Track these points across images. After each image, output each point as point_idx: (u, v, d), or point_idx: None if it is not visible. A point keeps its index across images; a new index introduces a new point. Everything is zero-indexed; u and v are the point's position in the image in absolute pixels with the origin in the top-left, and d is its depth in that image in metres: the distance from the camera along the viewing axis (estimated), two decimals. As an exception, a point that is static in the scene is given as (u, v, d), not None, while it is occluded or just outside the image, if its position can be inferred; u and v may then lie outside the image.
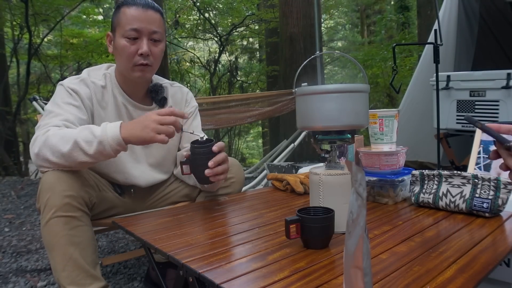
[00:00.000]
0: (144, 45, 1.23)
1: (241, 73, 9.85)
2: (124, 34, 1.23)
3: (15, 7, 6.16)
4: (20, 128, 7.71)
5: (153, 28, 1.24)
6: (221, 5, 8.60)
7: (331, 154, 1.03)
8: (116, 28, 1.26)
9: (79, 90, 1.24)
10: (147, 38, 1.24)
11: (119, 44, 1.24)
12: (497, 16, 3.36)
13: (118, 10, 1.25)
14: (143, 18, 1.22)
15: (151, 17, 1.24)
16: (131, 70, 1.27)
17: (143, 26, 1.22)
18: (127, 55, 1.24)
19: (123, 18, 1.23)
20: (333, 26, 12.75)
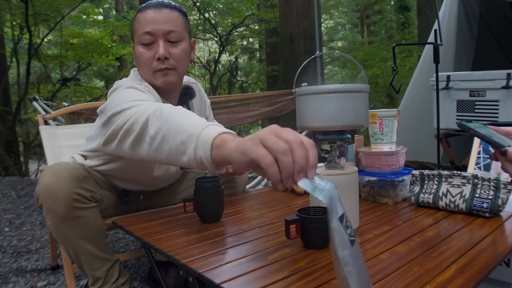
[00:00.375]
0: (160, 48, 1.12)
1: (241, 73, 9.85)
2: (139, 41, 1.14)
3: (15, 7, 6.16)
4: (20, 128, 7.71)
5: (168, 28, 1.13)
6: (221, 5, 8.60)
7: (331, 154, 1.03)
8: (133, 36, 1.18)
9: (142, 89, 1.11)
10: (163, 40, 1.13)
11: (136, 52, 1.16)
12: (497, 16, 3.36)
13: (134, 18, 1.18)
14: (156, 19, 1.12)
15: (165, 16, 1.13)
16: (153, 78, 1.16)
17: (156, 28, 1.12)
18: (145, 62, 1.14)
19: (137, 25, 1.15)
20: (333, 26, 12.75)
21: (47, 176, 1.07)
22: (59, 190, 1.05)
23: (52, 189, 1.05)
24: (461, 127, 0.77)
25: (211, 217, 1.12)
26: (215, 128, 0.76)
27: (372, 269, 0.76)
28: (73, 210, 1.07)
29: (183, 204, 1.14)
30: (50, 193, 1.05)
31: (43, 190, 1.06)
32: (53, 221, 1.08)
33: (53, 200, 1.05)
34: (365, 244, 0.90)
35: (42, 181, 1.07)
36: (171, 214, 1.23)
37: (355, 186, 1.01)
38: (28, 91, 6.23)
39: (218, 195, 1.12)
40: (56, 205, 1.05)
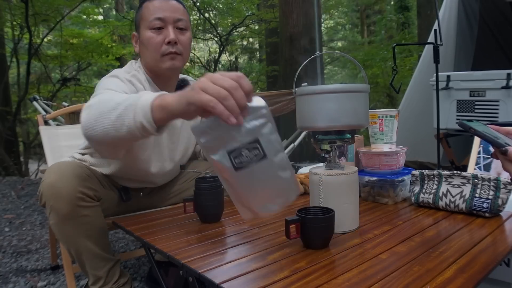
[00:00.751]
0: (170, 33, 1.19)
1: (241, 73, 9.84)
2: (149, 26, 1.19)
3: (15, 7, 6.16)
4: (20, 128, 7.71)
5: (178, 16, 1.21)
6: (221, 5, 8.60)
7: (331, 154, 1.03)
8: (140, 23, 1.23)
9: (134, 81, 1.20)
10: (172, 26, 1.20)
11: (144, 37, 1.21)
12: (497, 16, 3.36)
13: (141, 7, 1.24)
14: (166, 7, 1.20)
15: (174, 6, 1.22)
16: (160, 61, 1.21)
17: (167, 15, 1.19)
18: (154, 45, 1.19)
19: (146, 12, 1.21)
20: (333, 26, 12.75)
21: (51, 174, 1.08)
22: (62, 189, 1.05)
23: (56, 188, 1.05)
24: (461, 126, 0.77)
25: (211, 217, 1.12)
26: (149, 93, 0.82)
27: (372, 269, 0.76)
28: (77, 208, 1.07)
29: (183, 204, 1.14)
30: (54, 192, 1.05)
31: (46, 188, 1.06)
32: (56, 219, 1.08)
33: (57, 199, 1.05)
34: (365, 244, 0.90)
35: (46, 179, 1.07)
36: (171, 214, 1.23)
37: (355, 186, 1.01)
38: (28, 91, 6.23)
39: (218, 195, 1.12)
40: (60, 204, 1.05)
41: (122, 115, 0.82)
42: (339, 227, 0.96)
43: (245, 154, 0.71)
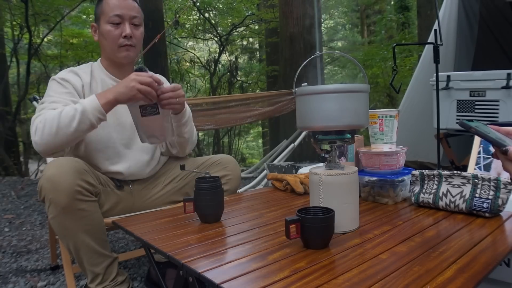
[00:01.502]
0: (127, 28, 1.37)
1: (241, 73, 9.85)
2: (108, 21, 1.36)
3: (15, 7, 6.16)
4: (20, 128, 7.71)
5: (133, 14, 1.39)
6: (221, 5, 8.60)
7: (331, 154, 1.03)
8: (100, 17, 1.39)
9: (69, 79, 1.35)
10: (128, 23, 1.38)
11: (104, 30, 1.37)
12: (497, 16, 3.36)
13: (101, 2, 1.39)
14: (124, 5, 1.37)
15: (131, 4, 1.39)
16: (117, 52, 1.39)
17: (124, 12, 1.37)
18: (113, 38, 1.37)
19: (106, 7, 1.37)
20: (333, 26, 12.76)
21: (50, 168, 1.12)
22: (61, 182, 1.09)
23: (55, 181, 1.09)
24: (462, 126, 0.77)
25: (211, 217, 1.12)
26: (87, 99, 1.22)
27: (372, 269, 0.76)
28: (75, 201, 1.11)
29: (183, 204, 1.14)
30: (53, 184, 1.09)
31: (46, 181, 1.11)
32: (55, 213, 1.11)
33: (56, 191, 1.09)
34: (365, 244, 0.90)
35: (45, 174, 1.12)
36: (171, 214, 1.23)
37: (355, 186, 1.01)
38: (28, 91, 6.23)
39: (218, 195, 1.12)
40: (59, 196, 1.09)
41: (81, 121, 1.17)
42: (339, 227, 0.96)
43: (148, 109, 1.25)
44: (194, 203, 1.12)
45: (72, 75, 1.37)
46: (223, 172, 1.43)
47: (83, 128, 1.19)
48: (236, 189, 1.49)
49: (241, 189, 3.04)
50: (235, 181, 1.47)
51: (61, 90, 1.32)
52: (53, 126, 1.16)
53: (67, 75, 1.37)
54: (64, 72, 1.39)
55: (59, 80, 1.34)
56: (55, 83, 1.35)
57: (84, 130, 1.20)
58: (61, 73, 1.39)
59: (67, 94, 1.31)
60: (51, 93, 1.32)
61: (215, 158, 1.50)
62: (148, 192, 1.46)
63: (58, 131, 1.16)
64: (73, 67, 1.44)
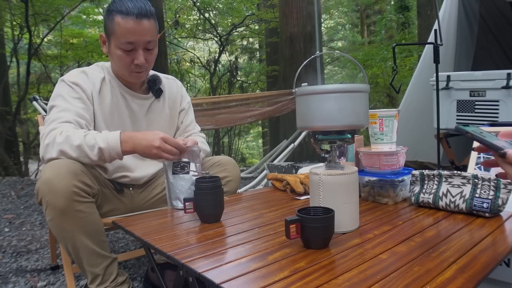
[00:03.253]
0: (140, 56, 1.27)
1: (241, 73, 9.85)
2: (120, 46, 1.26)
3: (15, 7, 6.16)
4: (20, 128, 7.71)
5: (147, 39, 1.27)
6: (221, 5, 8.60)
7: (331, 154, 1.03)
8: (110, 35, 1.28)
9: (79, 82, 1.30)
10: (142, 49, 1.28)
11: (114, 53, 1.28)
12: (497, 16, 3.36)
13: (111, 18, 1.25)
14: (138, 30, 1.24)
15: (145, 27, 1.25)
16: (127, 75, 1.34)
17: (138, 39, 1.25)
18: (124, 64, 1.29)
19: (118, 30, 1.24)
20: (333, 26, 12.76)
21: (46, 171, 1.11)
22: (58, 184, 1.08)
23: (51, 183, 1.08)
24: (458, 131, 0.77)
25: (211, 217, 1.12)
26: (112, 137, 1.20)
27: (372, 269, 0.76)
28: (72, 203, 1.10)
29: (183, 204, 1.14)
30: (50, 187, 1.08)
31: (43, 184, 1.10)
32: (53, 215, 1.11)
33: (53, 194, 1.08)
34: (365, 244, 0.90)
35: (42, 176, 1.11)
36: (171, 214, 1.23)
37: (355, 186, 1.01)
38: (28, 91, 6.23)
39: (218, 195, 1.12)
40: (56, 199, 1.08)
41: (101, 157, 1.18)
42: (339, 227, 0.96)
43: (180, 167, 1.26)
44: (194, 203, 1.12)
45: (83, 78, 1.31)
46: (222, 173, 1.42)
47: (98, 161, 1.20)
48: (235, 190, 1.49)
49: (241, 189, 3.04)
50: (234, 183, 1.47)
51: (72, 94, 1.27)
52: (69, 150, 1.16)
53: (78, 77, 1.30)
54: (75, 73, 1.32)
55: (69, 83, 1.28)
56: (65, 86, 1.28)
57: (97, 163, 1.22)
58: (72, 74, 1.31)
59: (78, 100, 1.27)
60: (60, 100, 1.26)
61: (214, 159, 1.49)
62: (148, 194, 1.46)
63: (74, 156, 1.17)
64: (85, 68, 1.36)
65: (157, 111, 1.46)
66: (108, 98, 1.34)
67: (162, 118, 1.47)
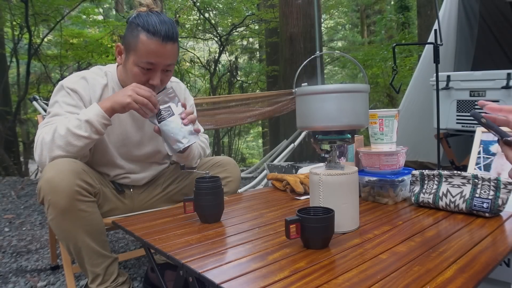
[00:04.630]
0: (157, 78, 1.23)
1: (241, 73, 9.85)
2: (138, 64, 1.21)
3: (15, 7, 6.15)
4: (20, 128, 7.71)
5: (169, 62, 1.23)
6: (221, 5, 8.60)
7: (331, 154, 1.03)
8: (130, 50, 1.22)
9: (77, 88, 1.26)
10: (161, 70, 1.24)
11: (131, 69, 1.23)
12: (497, 16, 3.36)
13: (136, 33, 1.19)
14: (162, 53, 1.19)
15: (169, 51, 1.21)
16: None
17: (159, 61, 1.21)
18: (137, 81, 1.23)
19: (141, 48, 1.19)
20: (333, 26, 12.75)
21: (48, 170, 1.11)
22: (60, 183, 1.08)
23: (53, 182, 1.08)
24: (474, 116, 0.77)
25: (211, 217, 1.12)
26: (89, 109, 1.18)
27: (372, 269, 0.76)
28: (74, 202, 1.10)
29: (183, 204, 1.14)
30: (52, 186, 1.08)
31: (45, 183, 1.10)
32: (55, 214, 1.11)
33: (55, 193, 1.08)
34: (365, 244, 0.90)
35: (44, 176, 1.11)
36: (171, 214, 1.23)
37: (355, 186, 1.01)
38: (28, 91, 6.23)
39: (218, 195, 1.12)
40: (58, 198, 1.08)
41: (88, 130, 1.15)
42: (339, 227, 0.96)
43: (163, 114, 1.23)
44: (194, 203, 1.12)
45: (83, 84, 1.27)
46: (223, 174, 1.42)
47: (91, 139, 1.17)
48: (235, 191, 1.49)
49: (241, 189, 3.04)
50: (235, 183, 1.47)
51: (68, 101, 1.24)
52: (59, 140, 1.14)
53: (77, 83, 1.26)
54: (75, 78, 1.28)
55: (67, 89, 1.25)
56: (62, 91, 1.25)
57: (92, 139, 1.18)
58: (72, 79, 1.27)
59: (73, 107, 1.24)
60: (56, 107, 1.24)
61: (215, 159, 1.49)
62: (148, 194, 1.46)
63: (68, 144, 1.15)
64: (86, 73, 1.31)
65: None
66: None
67: None
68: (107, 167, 1.36)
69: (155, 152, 1.44)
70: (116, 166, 1.36)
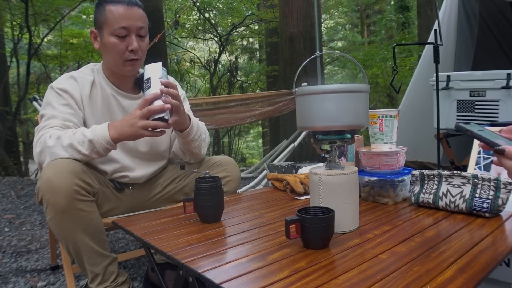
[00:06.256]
0: (133, 41, 1.28)
1: (241, 73, 9.85)
2: (113, 32, 1.27)
3: (15, 7, 6.16)
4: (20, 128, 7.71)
5: (140, 24, 1.29)
6: (221, 5, 8.60)
7: (331, 154, 1.03)
8: (103, 26, 1.29)
9: (67, 88, 1.29)
10: (135, 35, 1.29)
11: (108, 42, 1.28)
12: (497, 16, 3.36)
13: (103, 8, 1.28)
14: (130, 15, 1.27)
15: (137, 14, 1.29)
16: (122, 66, 1.32)
17: (131, 24, 1.27)
18: (118, 52, 1.29)
19: (110, 17, 1.27)
20: (333, 26, 12.76)
21: (47, 170, 1.12)
22: (59, 183, 1.08)
23: (52, 182, 1.09)
24: (458, 129, 0.77)
25: (211, 217, 1.12)
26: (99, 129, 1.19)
27: (372, 269, 0.76)
28: (73, 202, 1.10)
29: (183, 204, 1.14)
30: (50, 186, 1.09)
31: (43, 183, 1.10)
32: (53, 214, 1.11)
33: (54, 193, 1.08)
34: (365, 244, 0.90)
35: (42, 176, 1.11)
36: (171, 214, 1.23)
37: (355, 186, 1.01)
38: (28, 91, 6.23)
39: (218, 195, 1.12)
40: (56, 197, 1.09)
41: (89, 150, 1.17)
42: (339, 227, 0.96)
43: None
44: (194, 203, 1.12)
45: (72, 83, 1.31)
46: (222, 173, 1.42)
47: (91, 155, 1.19)
48: (235, 190, 1.49)
49: (241, 189, 3.04)
50: (234, 183, 1.47)
51: (60, 101, 1.27)
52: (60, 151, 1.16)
53: (66, 83, 1.30)
54: (64, 79, 1.32)
55: (57, 90, 1.28)
56: (53, 93, 1.29)
57: (91, 158, 1.21)
58: (61, 80, 1.32)
59: (66, 106, 1.27)
60: (49, 108, 1.27)
61: (214, 159, 1.49)
62: (148, 194, 1.46)
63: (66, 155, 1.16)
64: (74, 72, 1.36)
65: None
66: (99, 100, 1.34)
67: None
68: (102, 162, 1.35)
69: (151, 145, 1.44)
70: (111, 160, 1.35)
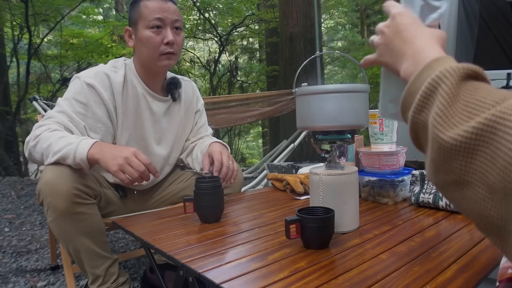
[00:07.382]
0: (169, 34, 1.28)
1: (241, 73, 9.85)
2: (148, 25, 1.27)
3: (15, 7, 6.16)
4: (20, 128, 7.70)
5: (175, 17, 1.29)
6: (221, 5, 8.60)
7: (331, 154, 1.03)
8: (138, 21, 1.29)
9: (95, 83, 1.24)
10: (170, 27, 1.28)
11: (143, 36, 1.28)
12: (497, 16, 3.36)
13: (137, 5, 1.29)
14: (165, 8, 1.28)
15: (172, 7, 1.30)
16: (157, 60, 1.30)
17: (166, 16, 1.27)
18: (153, 45, 1.27)
19: (145, 11, 1.27)
20: (333, 26, 12.75)
21: (48, 172, 1.10)
22: (59, 185, 1.08)
23: (53, 184, 1.08)
24: None
25: (211, 217, 1.12)
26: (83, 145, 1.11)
27: (372, 269, 0.76)
28: (73, 205, 1.09)
29: (183, 204, 1.14)
30: (51, 188, 1.08)
31: (44, 185, 1.09)
32: (54, 216, 1.10)
33: (54, 195, 1.08)
34: (365, 244, 0.90)
35: (43, 178, 1.10)
36: (171, 214, 1.23)
37: (355, 186, 1.01)
38: (28, 91, 6.23)
39: (218, 195, 1.12)
40: (57, 200, 1.08)
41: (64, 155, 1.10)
42: (339, 227, 0.96)
43: None
44: (194, 203, 1.12)
45: (102, 78, 1.26)
46: None
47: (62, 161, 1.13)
48: (238, 192, 1.49)
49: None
50: (237, 185, 1.47)
51: (80, 98, 1.23)
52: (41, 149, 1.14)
53: (95, 78, 1.25)
54: (92, 73, 1.26)
55: (84, 84, 1.23)
56: (79, 85, 1.24)
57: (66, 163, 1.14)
58: (89, 74, 1.26)
59: (81, 105, 1.23)
60: (66, 103, 1.22)
61: None
62: (149, 197, 1.46)
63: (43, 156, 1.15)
64: (107, 68, 1.30)
65: (173, 113, 1.45)
66: (130, 99, 1.32)
67: (178, 120, 1.46)
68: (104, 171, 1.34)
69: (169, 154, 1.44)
70: None
